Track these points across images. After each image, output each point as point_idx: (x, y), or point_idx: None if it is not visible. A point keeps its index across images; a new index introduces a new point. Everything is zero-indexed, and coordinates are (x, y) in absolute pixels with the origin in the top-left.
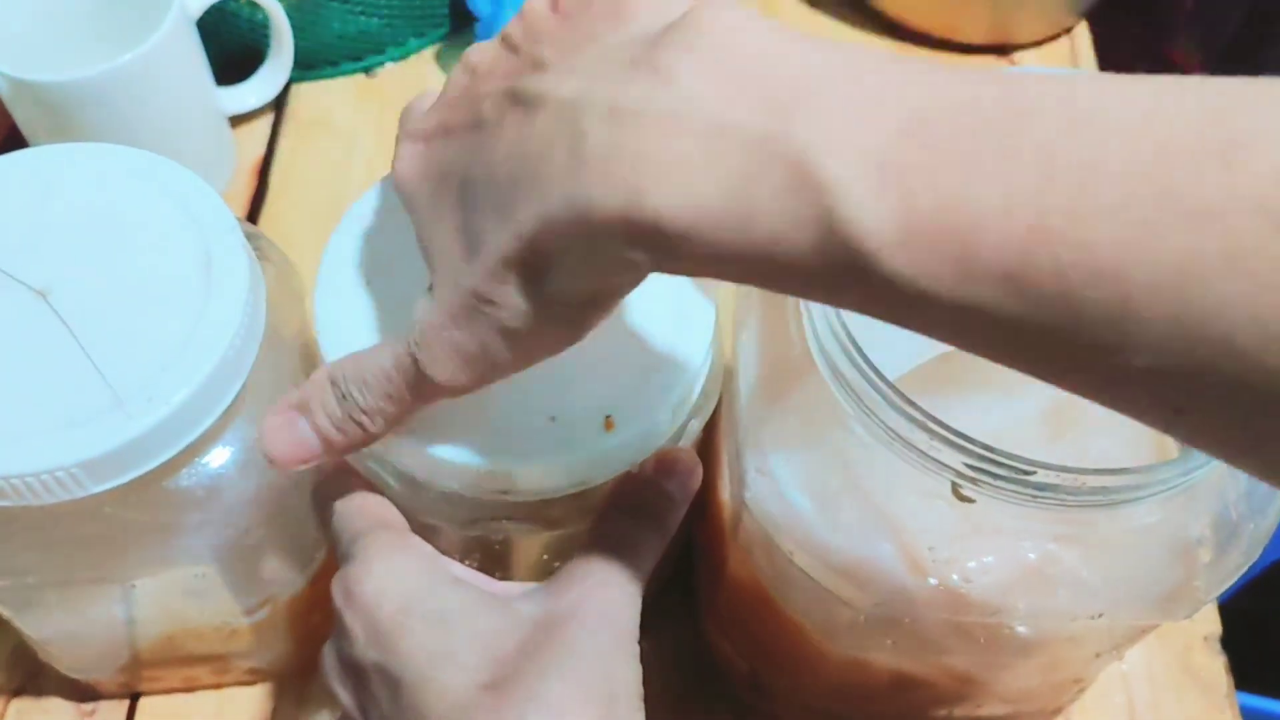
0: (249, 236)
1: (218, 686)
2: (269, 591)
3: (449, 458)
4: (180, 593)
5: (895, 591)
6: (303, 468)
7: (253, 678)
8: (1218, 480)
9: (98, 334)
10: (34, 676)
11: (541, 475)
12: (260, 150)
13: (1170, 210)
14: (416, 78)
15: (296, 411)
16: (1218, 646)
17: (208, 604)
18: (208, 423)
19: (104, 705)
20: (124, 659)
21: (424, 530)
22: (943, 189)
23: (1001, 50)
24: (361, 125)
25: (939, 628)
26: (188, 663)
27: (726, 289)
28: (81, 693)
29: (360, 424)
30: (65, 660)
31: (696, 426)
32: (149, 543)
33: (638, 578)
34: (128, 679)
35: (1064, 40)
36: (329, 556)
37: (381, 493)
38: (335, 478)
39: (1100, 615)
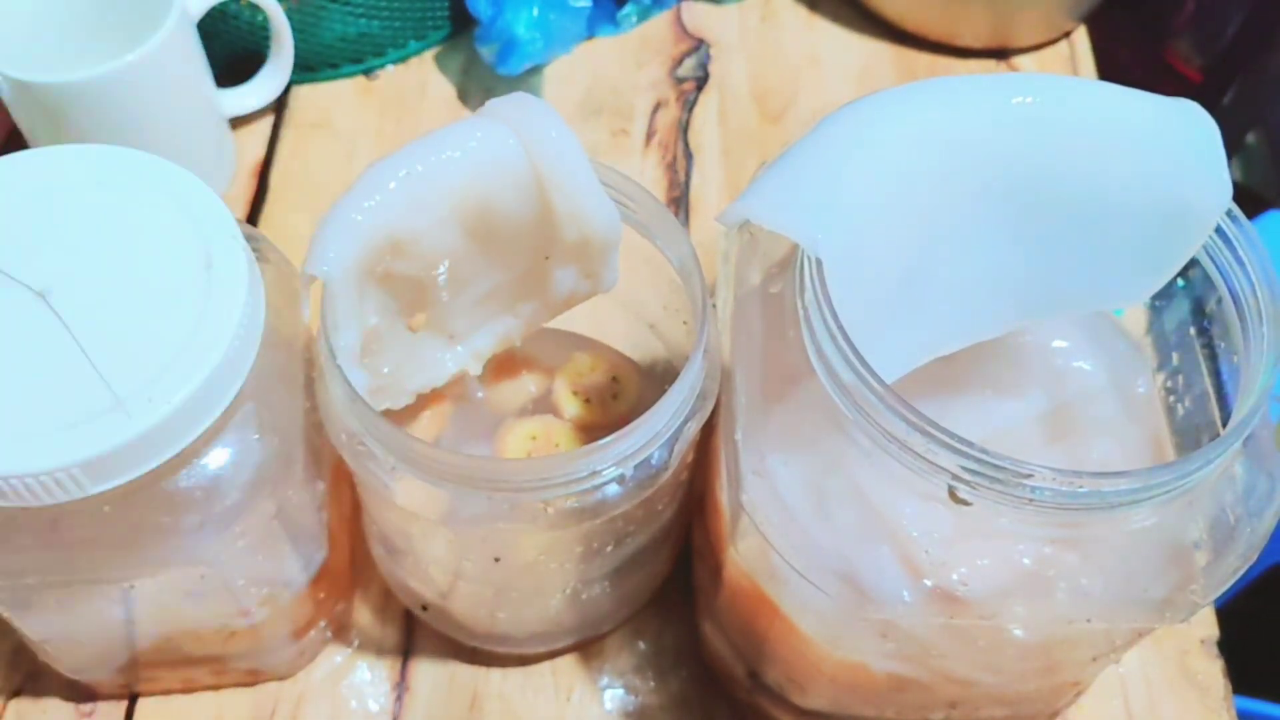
0: (249, 238)
1: (217, 688)
2: (268, 593)
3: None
4: (179, 594)
5: (892, 594)
6: None
7: (252, 679)
8: (1214, 484)
9: (98, 334)
10: (33, 677)
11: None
12: (260, 152)
13: None
14: (417, 80)
15: None
16: (1215, 650)
17: (206, 605)
18: (207, 423)
19: (102, 706)
20: (123, 660)
21: (424, 529)
22: None
23: (1000, 54)
24: (362, 127)
25: (936, 630)
26: (187, 664)
27: (725, 291)
28: (80, 694)
29: None
30: (64, 661)
31: (693, 428)
32: (148, 543)
33: None
34: (127, 680)
35: (1063, 44)
36: (329, 558)
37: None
38: None
39: (1097, 618)
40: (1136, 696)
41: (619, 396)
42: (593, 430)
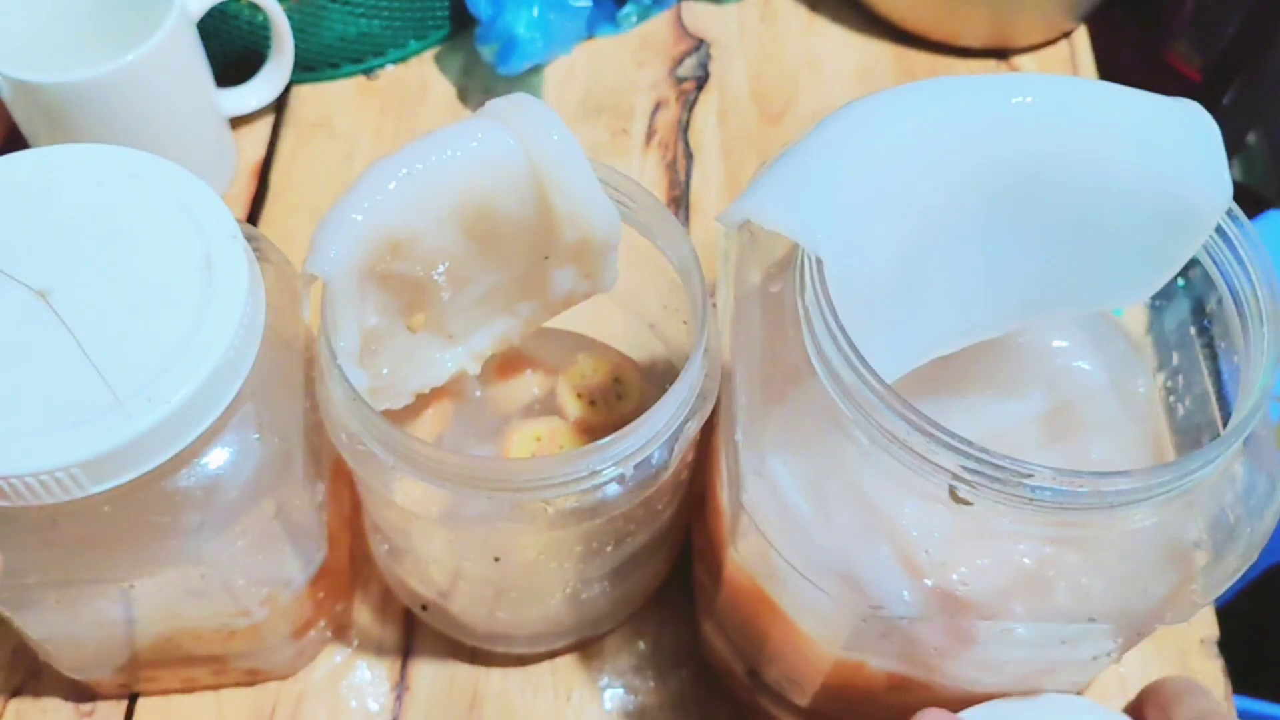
0: (249, 238)
1: (217, 688)
2: (268, 592)
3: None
4: (179, 593)
5: (892, 594)
6: None
7: (252, 678)
8: (1215, 484)
9: (98, 334)
10: (33, 677)
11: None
12: (261, 152)
13: None
14: (417, 80)
15: None
16: (1215, 650)
17: (206, 605)
18: (207, 423)
19: (102, 706)
20: (123, 659)
21: (424, 528)
22: None
23: (1000, 54)
24: (362, 127)
25: (936, 630)
26: (187, 663)
27: (725, 291)
28: (80, 693)
29: None
30: (64, 660)
31: (694, 428)
32: (147, 543)
33: None
34: (127, 679)
35: (1063, 44)
36: (329, 557)
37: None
38: None
39: (1097, 618)
40: None
41: (623, 397)
42: (598, 432)
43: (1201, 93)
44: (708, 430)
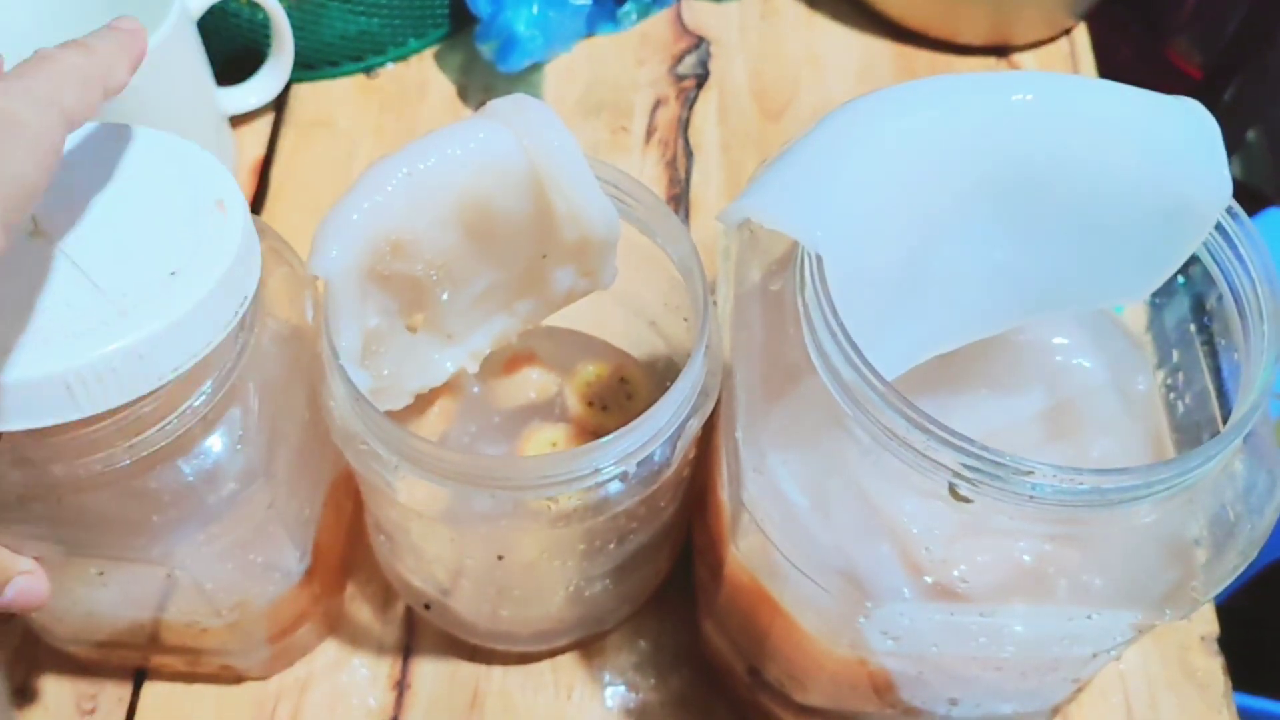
0: (261, 231)
1: (191, 679)
2: (241, 596)
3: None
4: (149, 587)
5: (893, 591)
6: None
7: (227, 674)
8: (1215, 481)
9: (96, 256)
10: (34, 676)
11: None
12: (261, 150)
13: None
14: (417, 78)
15: None
16: (1215, 647)
17: (176, 601)
18: (211, 339)
19: (104, 703)
20: (100, 636)
21: (427, 527)
22: None
23: (1001, 51)
24: (362, 125)
25: (936, 627)
26: (161, 649)
27: (726, 289)
28: (80, 692)
29: None
30: (49, 629)
31: (695, 425)
32: (119, 537)
33: None
34: (105, 655)
35: (1063, 41)
36: (311, 567)
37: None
38: None
39: (1097, 615)
40: (1137, 693)
41: (633, 397)
42: None
43: (1202, 90)
44: (708, 428)
